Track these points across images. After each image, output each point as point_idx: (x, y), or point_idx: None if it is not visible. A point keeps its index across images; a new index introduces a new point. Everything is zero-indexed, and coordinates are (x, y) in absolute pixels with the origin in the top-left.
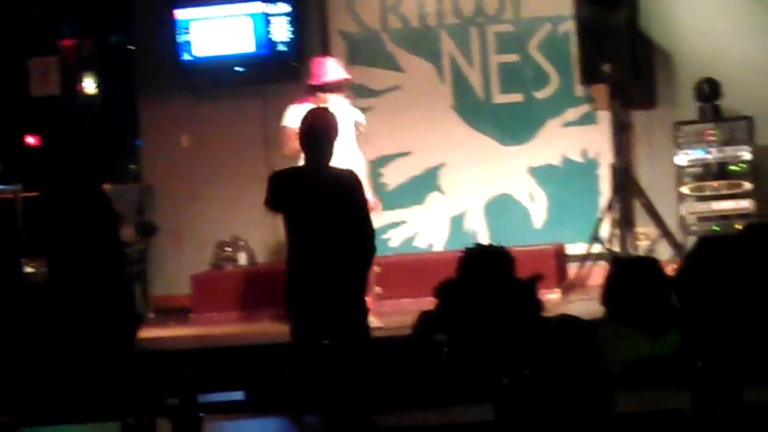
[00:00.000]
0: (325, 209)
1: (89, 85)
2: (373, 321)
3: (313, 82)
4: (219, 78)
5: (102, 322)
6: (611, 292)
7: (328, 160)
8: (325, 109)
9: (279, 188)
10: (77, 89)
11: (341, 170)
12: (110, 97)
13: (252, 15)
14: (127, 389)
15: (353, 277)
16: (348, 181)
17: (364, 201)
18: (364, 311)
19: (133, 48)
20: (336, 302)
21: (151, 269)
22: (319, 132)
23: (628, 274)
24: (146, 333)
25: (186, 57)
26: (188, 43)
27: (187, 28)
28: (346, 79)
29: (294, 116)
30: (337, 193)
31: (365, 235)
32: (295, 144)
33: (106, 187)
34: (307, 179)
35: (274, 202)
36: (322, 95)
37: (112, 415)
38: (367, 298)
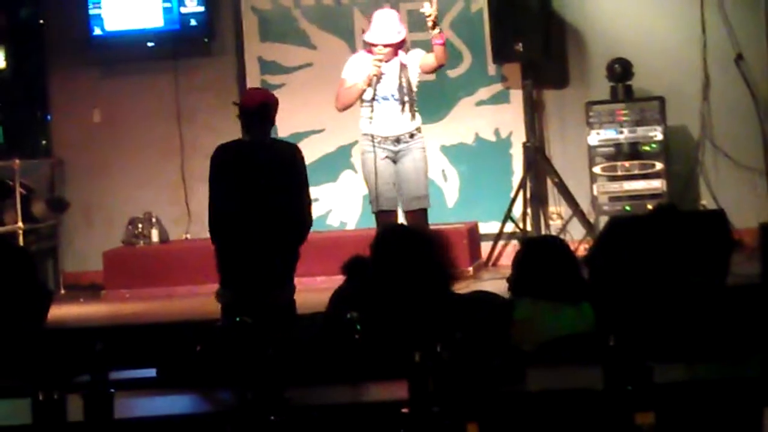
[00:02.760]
0: (259, 182)
1: None
2: None
3: (366, 39)
4: (130, 53)
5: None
6: (520, 271)
7: (262, 135)
8: (260, 89)
9: (218, 162)
10: None
11: (282, 144)
12: (20, 71)
13: None
14: (37, 366)
15: (284, 251)
16: (287, 156)
17: (303, 176)
18: (292, 285)
19: (43, 22)
20: (265, 274)
21: (62, 245)
22: (250, 110)
23: (535, 252)
24: (57, 310)
25: (97, 31)
26: (99, 17)
27: (98, 3)
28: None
29: (350, 67)
30: (273, 167)
31: (300, 210)
32: (351, 97)
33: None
34: (244, 152)
35: (216, 179)
36: (376, 49)
37: (22, 392)
38: None
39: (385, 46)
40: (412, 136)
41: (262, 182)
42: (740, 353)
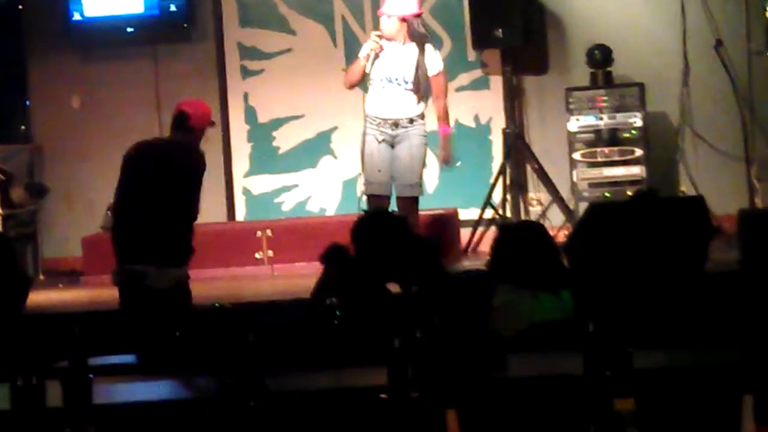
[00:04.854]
0: (149, 175)
1: None
2: None
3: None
4: (110, 38)
5: None
6: (498, 257)
7: (172, 137)
8: (194, 101)
9: (126, 155)
10: None
11: (183, 146)
12: None
13: None
14: (16, 352)
15: (165, 239)
16: (180, 156)
17: (190, 176)
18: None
19: (22, 7)
20: (151, 260)
21: (41, 231)
22: (174, 113)
23: (513, 238)
24: (36, 296)
25: (76, 17)
26: (79, 2)
27: None
28: (404, 17)
29: (364, 46)
30: (164, 164)
31: (182, 205)
32: (353, 74)
33: None
34: (146, 148)
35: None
36: (381, 24)
37: (1, 377)
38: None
39: (389, 16)
40: (411, 121)
41: (152, 176)
42: (719, 339)
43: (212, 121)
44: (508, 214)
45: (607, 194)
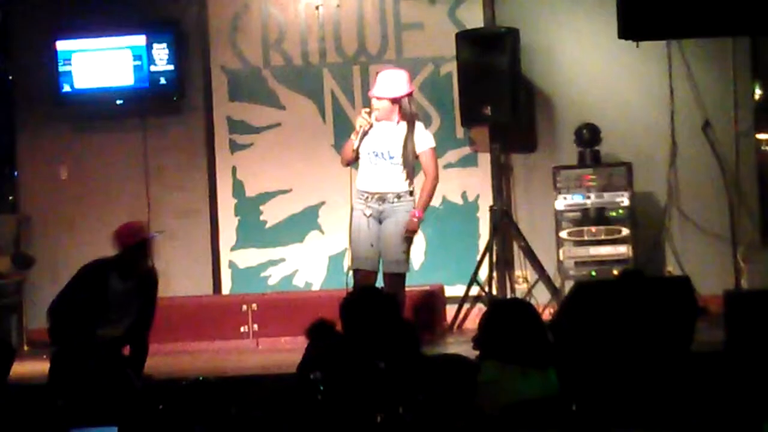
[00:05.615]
0: None
1: None
2: None
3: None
4: (99, 110)
5: None
6: (487, 332)
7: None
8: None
9: None
10: None
11: (95, 261)
12: None
13: (132, 48)
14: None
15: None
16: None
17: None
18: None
19: (12, 77)
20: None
21: (27, 302)
22: None
23: (503, 314)
24: (20, 367)
25: (66, 88)
26: (69, 74)
27: (69, 60)
28: (394, 99)
29: (356, 125)
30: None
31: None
32: (346, 151)
33: None
34: None
35: None
36: (373, 105)
37: None
38: None
39: (378, 98)
40: (399, 197)
41: None
42: (703, 420)
43: (134, 238)
44: (494, 291)
45: (593, 273)
